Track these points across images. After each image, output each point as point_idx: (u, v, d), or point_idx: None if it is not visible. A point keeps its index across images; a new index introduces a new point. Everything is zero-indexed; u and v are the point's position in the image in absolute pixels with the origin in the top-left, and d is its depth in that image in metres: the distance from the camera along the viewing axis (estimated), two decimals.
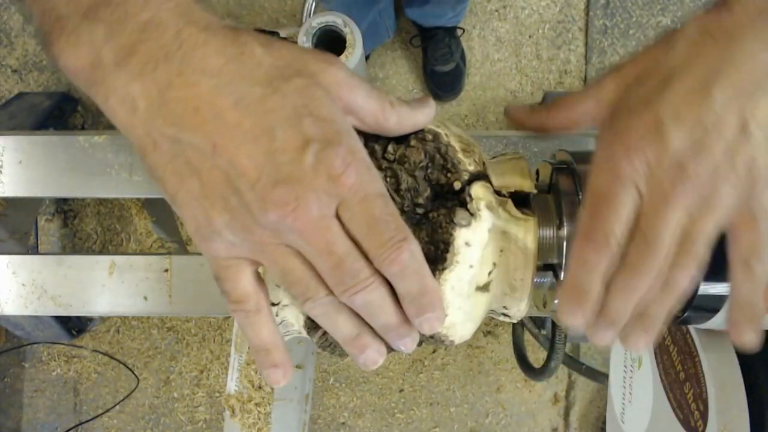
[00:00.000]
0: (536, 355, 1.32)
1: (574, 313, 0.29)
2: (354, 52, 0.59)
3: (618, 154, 0.27)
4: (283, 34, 0.65)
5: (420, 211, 0.30)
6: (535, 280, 0.33)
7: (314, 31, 0.59)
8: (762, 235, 0.28)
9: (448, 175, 0.31)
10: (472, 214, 0.30)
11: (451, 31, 1.36)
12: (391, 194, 0.30)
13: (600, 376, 0.78)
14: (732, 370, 0.38)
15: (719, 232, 0.27)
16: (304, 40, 0.59)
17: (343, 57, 0.59)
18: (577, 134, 0.73)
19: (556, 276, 0.34)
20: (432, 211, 0.30)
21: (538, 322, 0.89)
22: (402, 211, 0.30)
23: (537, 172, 0.37)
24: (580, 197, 0.32)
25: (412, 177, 0.30)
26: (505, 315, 0.34)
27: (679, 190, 0.26)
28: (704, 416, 0.38)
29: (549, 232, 0.33)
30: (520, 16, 1.46)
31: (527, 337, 0.96)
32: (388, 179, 0.30)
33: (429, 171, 0.31)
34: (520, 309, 0.34)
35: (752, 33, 0.26)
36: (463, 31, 1.41)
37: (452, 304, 0.30)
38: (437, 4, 1.23)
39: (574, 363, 0.80)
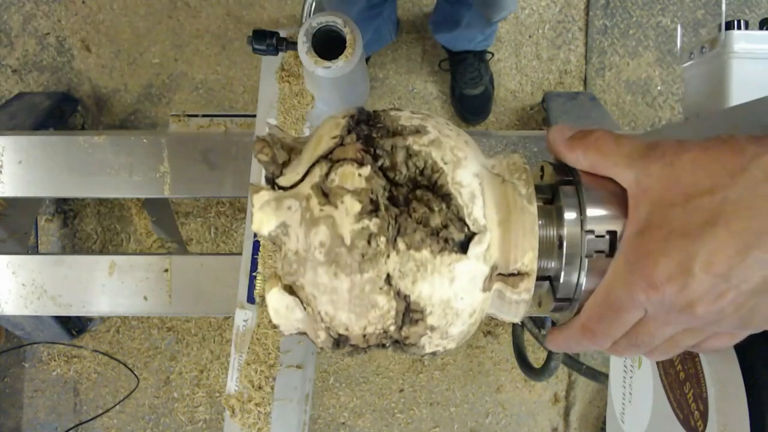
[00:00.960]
0: (536, 355, 1.32)
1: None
2: (354, 52, 0.59)
3: (639, 284, 0.28)
4: (283, 34, 0.65)
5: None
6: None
7: (314, 31, 0.59)
8: (700, 346, 0.31)
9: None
10: None
11: (480, 55, 1.37)
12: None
13: (600, 376, 0.78)
14: (732, 370, 0.38)
15: None
16: (304, 40, 0.59)
17: (343, 57, 0.59)
18: None
19: (552, 286, 0.34)
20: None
21: (538, 322, 0.89)
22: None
23: (542, 169, 0.37)
24: (583, 217, 0.31)
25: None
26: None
27: (682, 321, 0.29)
28: (704, 416, 0.38)
29: (549, 237, 0.32)
30: (520, 16, 1.46)
31: (527, 337, 0.96)
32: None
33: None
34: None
35: None
36: (492, 55, 1.41)
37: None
38: (467, 27, 1.23)
39: (574, 363, 0.79)
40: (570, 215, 0.32)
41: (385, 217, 0.28)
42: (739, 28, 0.54)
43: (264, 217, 0.30)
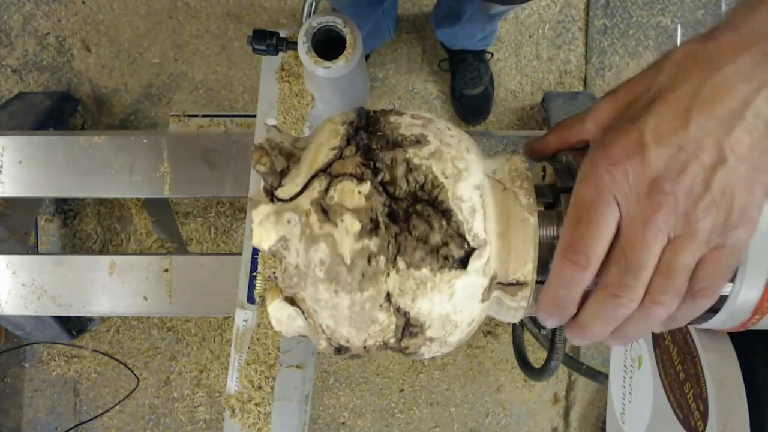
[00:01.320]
0: (536, 355, 1.32)
1: (551, 321, 0.31)
2: (354, 52, 0.59)
3: (601, 167, 0.28)
4: (283, 34, 0.65)
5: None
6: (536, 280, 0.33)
7: (314, 31, 0.59)
8: (720, 271, 0.29)
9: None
10: None
11: (479, 55, 1.37)
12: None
13: (600, 376, 0.77)
14: (732, 370, 0.38)
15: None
16: (304, 40, 0.59)
17: (343, 57, 0.59)
18: None
19: None
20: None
21: (538, 322, 0.89)
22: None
23: (543, 169, 0.37)
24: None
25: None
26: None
27: (657, 209, 0.27)
28: (704, 416, 0.38)
29: (550, 232, 0.33)
30: (520, 16, 1.46)
31: (527, 337, 0.96)
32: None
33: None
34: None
35: (733, 64, 0.27)
36: (492, 55, 1.41)
37: None
38: (468, 21, 1.23)
39: (574, 363, 0.79)
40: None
41: (384, 237, 0.28)
42: None
43: (264, 232, 0.30)
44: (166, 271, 0.80)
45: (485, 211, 0.31)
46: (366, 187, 0.29)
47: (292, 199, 0.30)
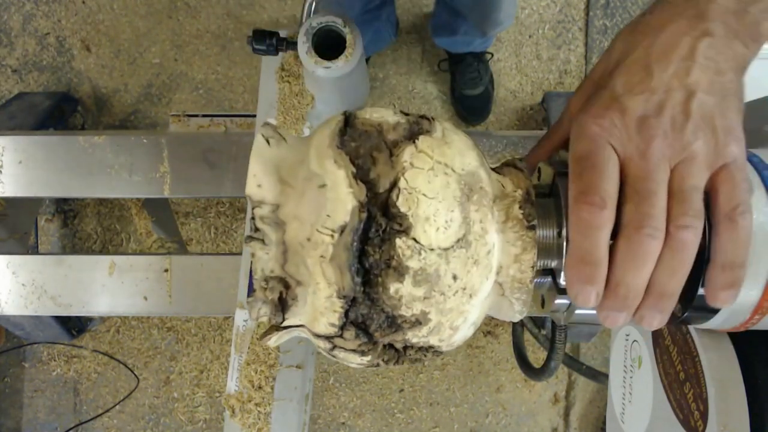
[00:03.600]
0: (536, 355, 1.32)
1: (585, 290, 0.29)
2: (354, 52, 0.59)
3: (587, 123, 0.31)
4: (283, 34, 0.65)
5: None
6: (534, 280, 0.32)
7: (314, 31, 0.59)
8: (739, 184, 0.29)
9: None
10: None
11: (479, 56, 1.37)
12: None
13: (600, 376, 0.77)
14: (732, 370, 0.38)
15: (705, 184, 0.29)
16: (304, 40, 0.59)
17: (343, 57, 0.59)
18: None
19: (555, 281, 0.34)
20: None
21: (538, 322, 0.89)
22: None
23: (539, 171, 0.37)
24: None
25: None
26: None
27: (650, 140, 0.29)
28: (704, 416, 0.38)
29: (549, 235, 0.33)
30: (520, 16, 1.46)
31: (527, 337, 0.96)
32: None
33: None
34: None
35: (672, 24, 0.31)
36: (492, 55, 1.41)
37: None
38: (465, 35, 1.24)
39: (574, 363, 0.79)
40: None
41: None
42: None
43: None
44: (166, 271, 0.80)
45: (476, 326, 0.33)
46: (367, 358, 0.31)
47: (297, 326, 0.33)
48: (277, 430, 0.59)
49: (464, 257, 0.29)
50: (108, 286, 0.81)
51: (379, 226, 0.28)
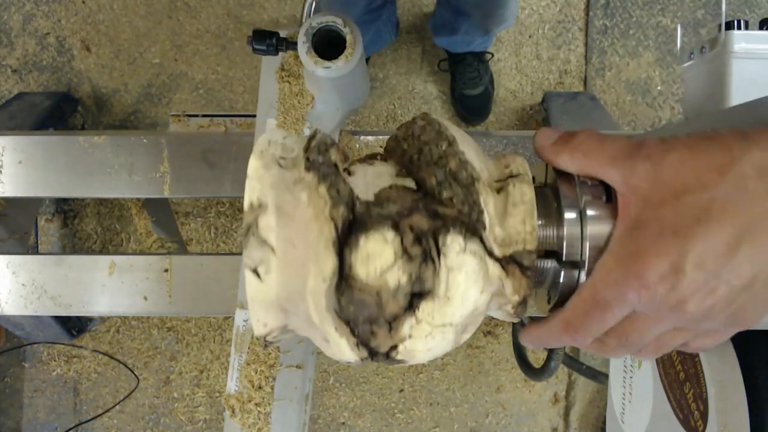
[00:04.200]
0: (536, 355, 1.32)
1: (535, 347, 0.35)
2: (354, 52, 0.59)
3: (631, 284, 0.27)
4: (283, 34, 0.65)
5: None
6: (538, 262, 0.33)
7: (314, 31, 0.59)
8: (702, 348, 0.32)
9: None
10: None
11: (479, 55, 1.37)
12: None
13: (600, 376, 0.78)
14: (732, 370, 0.38)
15: None
16: (304, 40, 0.59)
17: (343, 57, 0.59)
18: None
19: (556, 280, 0.34)
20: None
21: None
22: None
23: (545, 170, 0.37)
24: (583, 202, 0.31)
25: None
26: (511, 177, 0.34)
27: (672, 319, 0.28)
28: (704, 416, 0.38)
29: (551, 235, 0.33)
30: (520, 16, 1.46)
31: None
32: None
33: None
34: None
35: None
36: (492, 55, 1.41)
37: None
38: (465, 34, 1.24)
39: (574, 363, 0.79)
40: (570, 215, 0.32)
41: None
42: (739, 28, 0.54)
43: None
44: (166, 271, 0.80)
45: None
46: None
47: None
48: (277, 430, 0.59)
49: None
50: (108, 286, 0.81)
51: (377, 359, 0.31)
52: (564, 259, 0.31)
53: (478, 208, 0.30)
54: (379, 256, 0.28)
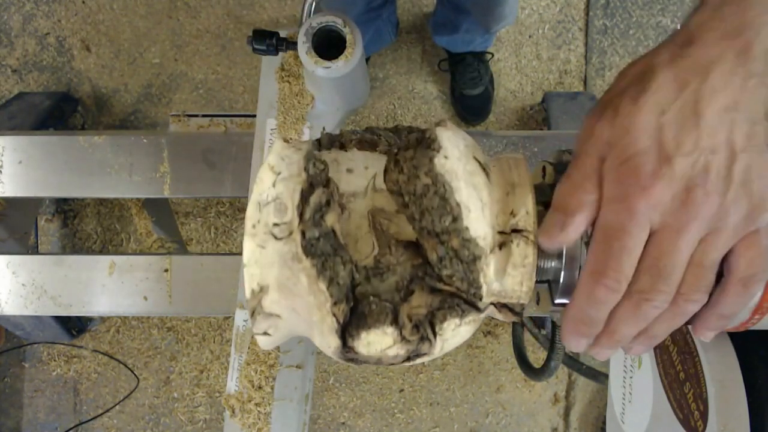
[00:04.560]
0: (536, 355, 1.32)
1: (579, 342, 0.31)
2: (354, 52, 0.59)
3: (634, 193, 0.28)
4: (283, 34, 0.65)
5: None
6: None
7: (314, 31, 0.59)
8: (764, 253, 0.29)
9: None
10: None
11: (479, 55, 1.37)
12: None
13: (600, 376, 0.77)
14: (732, 370, 0.38)
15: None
16: (304, 40, 0.59)
17: (343, 57, 0.59)
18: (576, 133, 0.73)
19: (551, 288, 0.34)
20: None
21: (538, 322, 0.89)
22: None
23: (543, 170, 0.37)
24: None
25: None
26: (516, 232, 0.33)
27: (692, 218, 0.28)
28: (704, 416, 0.38)
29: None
30: (520, 16, 1.46)
31: (527, 337, 0.96)
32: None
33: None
34: (527, 209, 0.32)
35: (720, 65, 0.28)
36: (492, 55, 1.41)
37: (451, 151, 0.31)
38: (466, 32, 1.23)
39: (574, 363, 0.79)
40: None
41: None
42: None
43: None
44: (166, 271, 0.80)
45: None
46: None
47: None
48: (277, 430, 0.59)
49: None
50: (108, 286, 0.81)
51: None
52: (564, 259, 0.31)
53: (477, 284, 0.30)
54: (379, 343, 0.30)
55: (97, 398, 1.44)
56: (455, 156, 0.31)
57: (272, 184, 0.31)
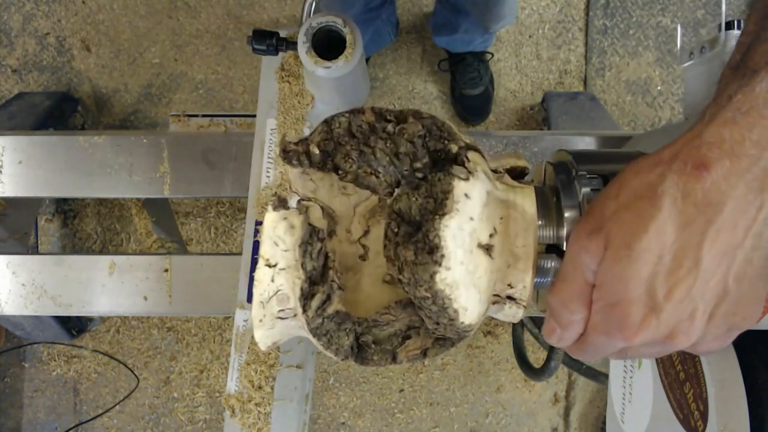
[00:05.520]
0: (536, 355, 1.32)
1: (557, 342, 0.33)
2: (354, 52, 0.59)
3: (617, 335, 0.29)
4: (283, 34, 0.65)
5: (419, 175, 0.32)
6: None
7: (314, 31, 0.59)
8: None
9: (445, 141, 0.32)
10: (469, 171, 0.31)
11: (479, 55, 1.37)
12: (390, 158, 0.32)
13: (600, 376, 0.78)
14: (732, 370, 0.38)
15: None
16: (304, 40, 0.59)
17: (343, 57, 0.59)
18: (576, 133, 0.73)
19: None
20: (431, 174, 0.32)
21: (538, 322, 0.89)
22: (402, 176, 0.32)
23: (544, 171, 0.37)
24: (581, 195, 0.33)
25: (411, 143, 0.32)
26: (510, 299, 0.34)
27: (666, 351, 0.30)
28: (704, 416, 0.38)
29: (550, 235, 0.33)
30: (520, 16, 1.46)
31: (527, 337, 0.96)
32: (387, 145, 0.32)
33: (427, 139, 0.32)
34: (525, 284, 0.33)
35: (733, 200, 0.26)
36: (492, 55, 1.41)
37: (454, 255, 0.30)
38: (465, 32, 1.23)
39: (574, 363, 0.79)
40: (570, 214, 0.33)
41: None
42: (739, 28, 0.54)
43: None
44: (166, 271, 0.80)
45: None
46: None
47: None
48: (277, 430, 0.59)
49: None
50: (108, 286, 0.81)
51: None
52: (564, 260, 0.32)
53: (467, 332, 0.33)
54: None
55: (97, 398, 1.44)
56: (458, 259, 0.30)
57: (271, 279, 0.32)
